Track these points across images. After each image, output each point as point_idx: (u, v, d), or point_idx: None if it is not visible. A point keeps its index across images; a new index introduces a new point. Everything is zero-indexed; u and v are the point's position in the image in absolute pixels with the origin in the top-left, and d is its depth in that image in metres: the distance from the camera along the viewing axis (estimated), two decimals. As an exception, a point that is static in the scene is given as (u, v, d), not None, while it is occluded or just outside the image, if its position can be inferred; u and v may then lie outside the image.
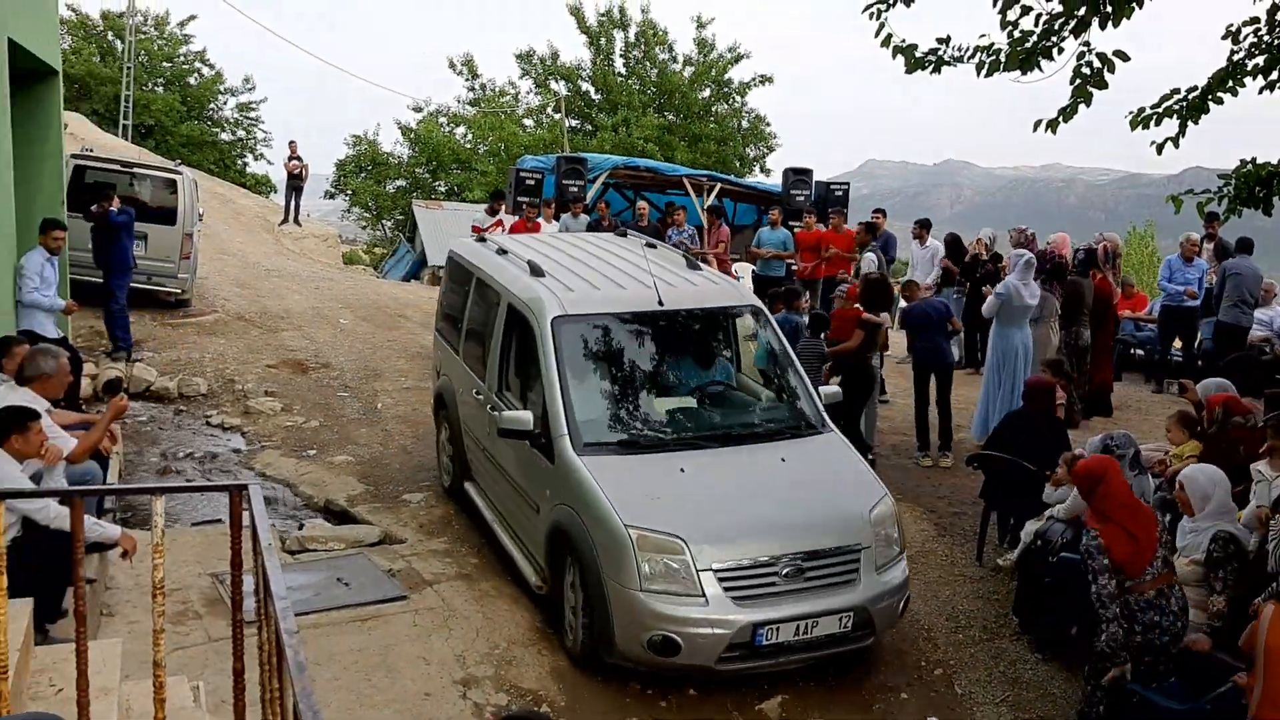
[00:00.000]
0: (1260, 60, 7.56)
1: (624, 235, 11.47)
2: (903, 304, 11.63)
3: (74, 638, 3.67)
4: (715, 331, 7.79)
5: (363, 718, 5.53)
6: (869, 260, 12.25)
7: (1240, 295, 11.21)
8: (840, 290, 10.38)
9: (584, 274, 7.54)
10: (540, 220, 15.09)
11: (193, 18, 37.69)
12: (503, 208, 15.48)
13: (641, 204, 16.16)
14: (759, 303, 7.90)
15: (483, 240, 9.11)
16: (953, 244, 13.28)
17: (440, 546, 7.88)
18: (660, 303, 7.03)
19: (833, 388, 7.57)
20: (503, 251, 8.27)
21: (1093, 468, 5.27)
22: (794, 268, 14.87)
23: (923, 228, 13.68)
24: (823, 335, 9.73)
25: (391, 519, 8.43)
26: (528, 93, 38.96)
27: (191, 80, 37.48)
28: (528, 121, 38.17)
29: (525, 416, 6.66)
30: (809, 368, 8.85)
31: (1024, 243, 11.75)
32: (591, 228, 15.34)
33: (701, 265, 8.08)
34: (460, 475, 8.45)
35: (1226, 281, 11.32)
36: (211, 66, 38.06)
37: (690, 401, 7.09)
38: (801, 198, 17.85)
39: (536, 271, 7.40)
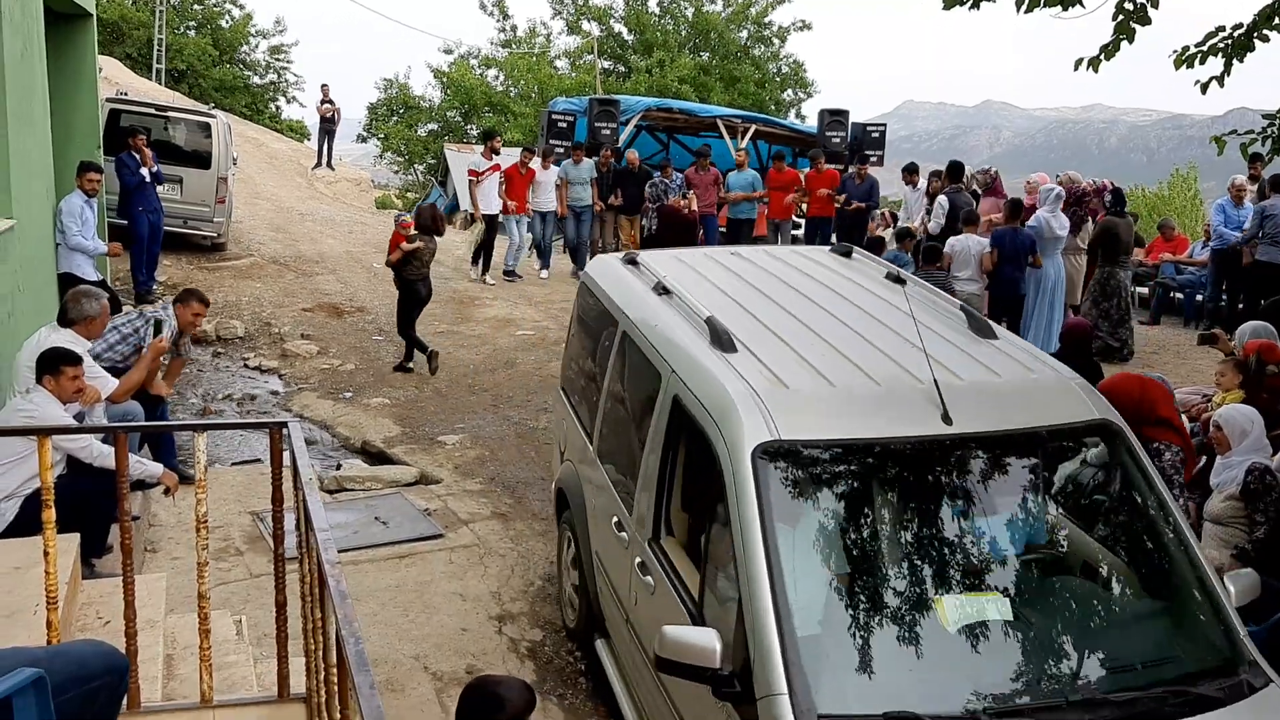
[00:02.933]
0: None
1: (656, 183, 11.41)
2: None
3: (120, 572, 3.76)
4: (1043, 471, 4.30)
5: (401, 651, 5.65)
6: (940, 206, 12.23)
7: (1277, 234, 11.08)
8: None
9: (799, 338, 4.54)
10: (535, 167, 14.94)
11: None
12: (500, 147, 15.17)
13: (632, 153, 16.03)
14: (1114, 415, 4.31)
15: (612, 254, 6.68)
16: (954, 168, 13.15)
17: (475, 487, 7.98)
18: (946, 419, 3.94)
19: (1246, 574, 4.04)
20: (663, 290, 5.20)
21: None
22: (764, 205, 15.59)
23: (911, 172, 14.29)
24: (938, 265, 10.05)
25: (428, 460, 8.54)
26: (560, 33, 38.61)
27: (223, 23, 37.43)
28: (560, 63, 37.83)
29: (703, 643, 3.51)
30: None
31: (989, 184, 12.56)
32: (601, 175, 15.34)
33: (995, 330, 4.82)
34: (588, 622, 5.61)
35: (1265, 222, 11.20)
36: (241, 7, 37.98)
37: (1005, 609, 3.71)
38: (837, 139, 17.69)
39: (722, 340, 4.39)
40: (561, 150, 16.22)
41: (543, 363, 11.03)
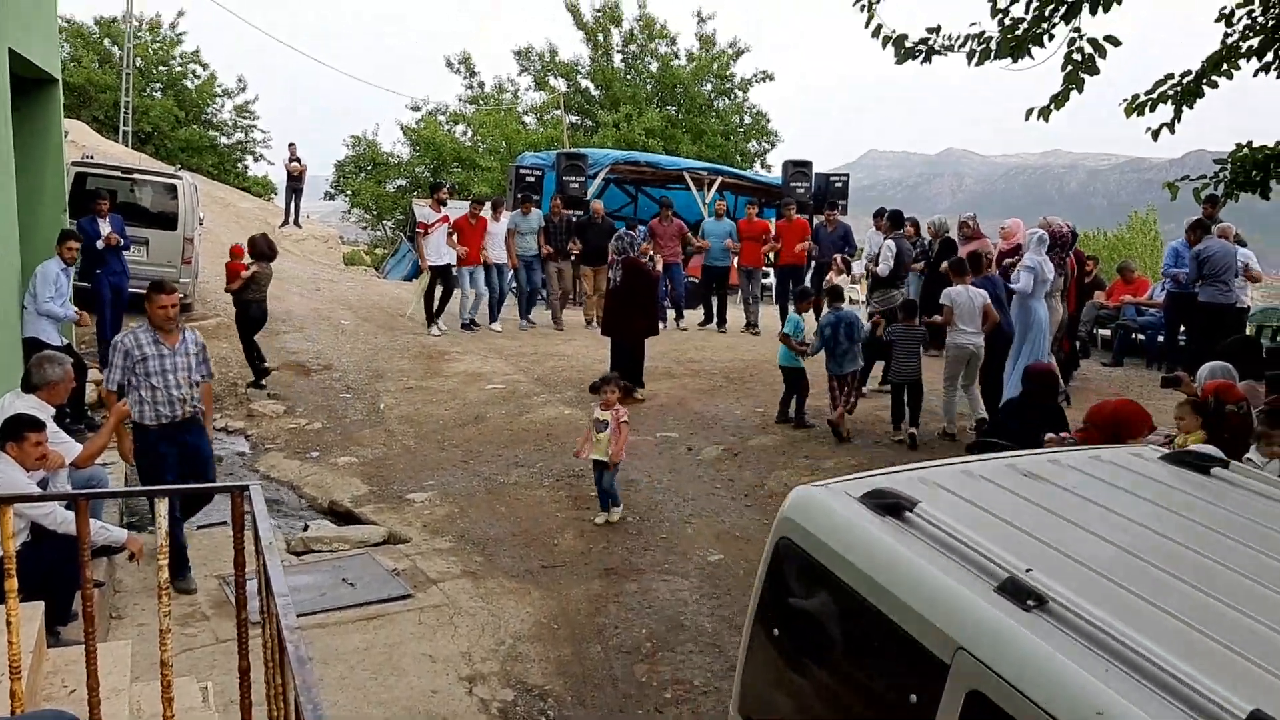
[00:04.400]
0: (1254, 42, 7.58)
1: (622, 236, 11.54)
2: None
3: (84, 640, 3.72)
4: None
5: (370, 716, 5.58)
6: (889, 248, 12.47)
7: (1214, 273, 11.53)
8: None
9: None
10: (486, 216, 15.03)
11: (181, 14, 37.87)
12: (447, 199, 15.16)
13: (596, 203, 16.31)
14: None
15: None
16: (895, 217, 13.44)
17: (445, 545, 7.92)
18: None
19: None
20: (956, 546, 3.04)
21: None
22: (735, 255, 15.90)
23: (881, 217, 14.23)
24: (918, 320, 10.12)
25: (396, 519, 8.48)
26: (527, 89, 39.04)
27: (188, 83, 37.60)
28: (528, 119, 38.20)
29: None
30: (909, 353, 9.59)
31: (971, 233, 12.67)
32: (554, 224, 15.53)
33: None
34: None
35: (1203, 264, 11.63)
36: (206, 67, 38.21)
37: None
38: (802, 189, 17.93)
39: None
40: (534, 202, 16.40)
41: (513, 416, 11.02)
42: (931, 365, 10.52)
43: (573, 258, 15.81)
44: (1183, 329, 12.57)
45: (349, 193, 39.10)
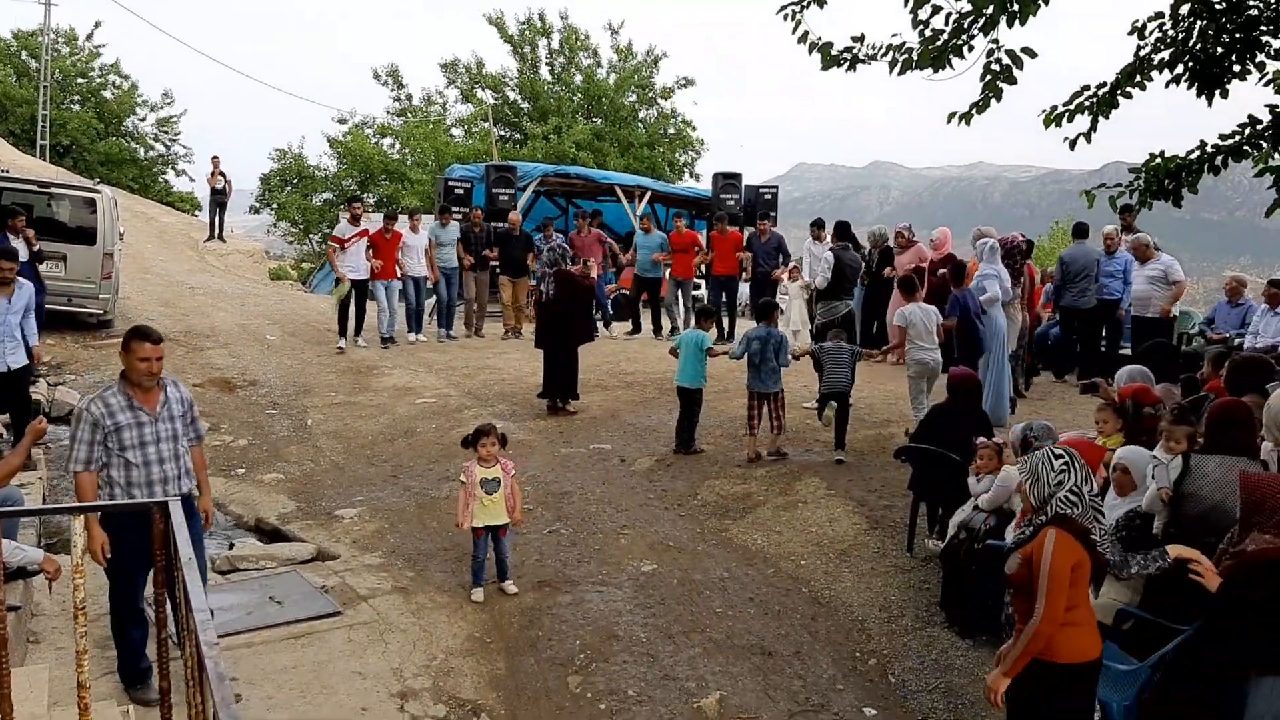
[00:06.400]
0: (1166, 55, 7.80)
1: (555, 247, 11.51)
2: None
3: None
4: None
5: (298, 735, 5.48)
6: (827, 260, 12.62)
7: (1073, 277, 12.44)
8: None
9: None
10: (403, 230, 14.92)
11: (98, 24, 37.11)
12: (362, 214, 14.93)
13: (514, 214, 16.28)
14: None
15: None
16: (841, 227, 13.66)
17: (375, 561, 7.82)
18: None
19: None
20: None
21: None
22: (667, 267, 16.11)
23: (819, 228, 14.79)
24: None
25: (325, 535, 8.35)
26: (455, 102, 38.83)
27: (107, 94, 36.84)
28: (457, 131, 37.99)
29: None
30: (838, 365, 9.62)
31: (906, 241, 13.01)
32: (474, 235, 15.51)
33: None
34: None
35: (1064, 270, 12.56)
36: (126, 78, 37.45)
37: None
38: (732, 201, 18.08)
39: None
40: (459, 216, 16.29)
41: (444, 430, 10.92)
42: (872, 376, 10.61)
43: (492, 265, 15.78)
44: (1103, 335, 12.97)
45: (274, 206, 38.53)
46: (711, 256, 15.75)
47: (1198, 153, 7.86)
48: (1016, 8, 6.89)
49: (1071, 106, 7.81)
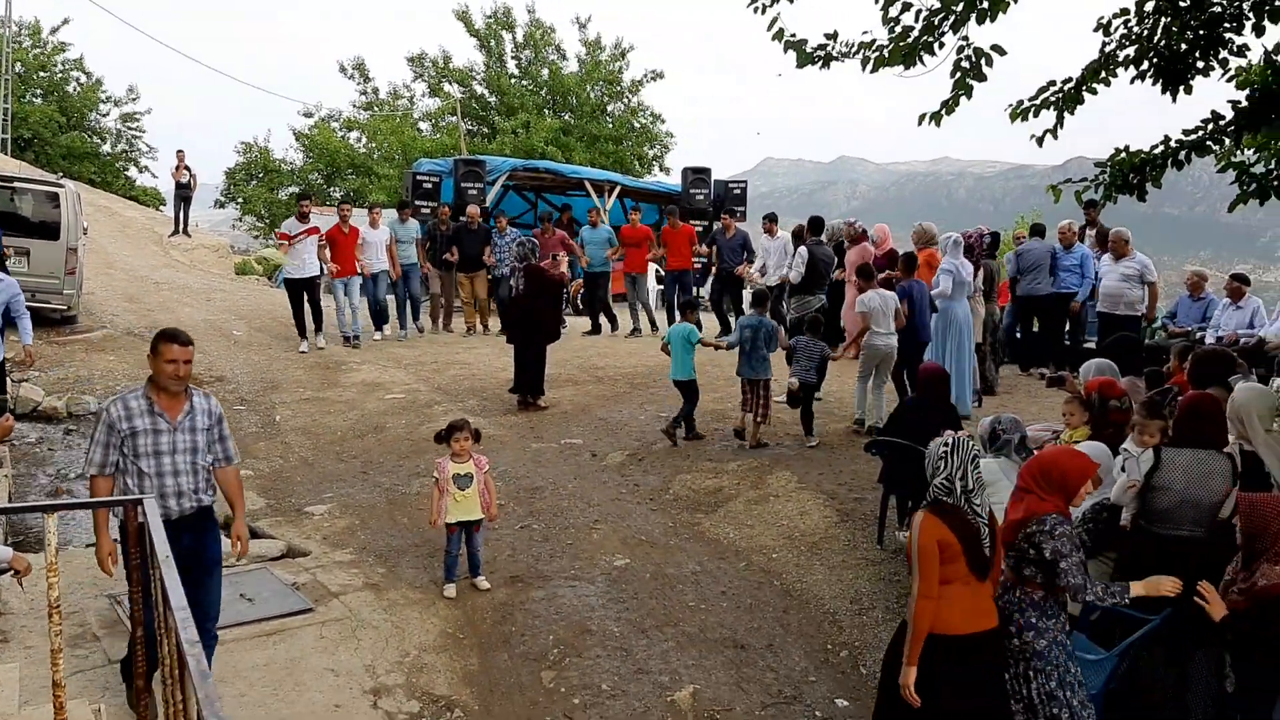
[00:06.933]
0: (1130, 51, 7.88)
1: (524, 243, 11.49)
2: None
3: (-35, 665, 3.57)
4: None
5: (271, 732, 5.45)
6: (801, 255, 12.65)
7: (1028, 268, 12.75)
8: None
9: None
10: (360, 226, 14.55)
11: (66, 21, 36.59)
12: (309, 211, 14.46)
13: (472, 208, 15.96)
14: None
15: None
16: (815, 222, 13.68)
17: (346, 558, 7.78)
18: None
19: None
20: None
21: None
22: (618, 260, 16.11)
23: (772, 221, 14.71)
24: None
25: (295, 532, 8.31)
26: (422, 95, 38.59)
27: (70, 89, 36.35)
28: (424, 125, 37.77)
29: None
30: (809, 358, 9.80)
31: (855, 236, 12.92)
32: (441, 233, 15.35)
33: None
34: None
35: (1020, 260, 12.88)
36: (89, 74, 36.98)
37: None
38: (701, 196, 18.13)
39: None
40: (427, 210, 16.17)
41: (414, 426, 10.88)
42: (842, 370, 10.69)
43: (448, 259, 15.51)
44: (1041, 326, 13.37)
45: (240, 200, 38.17)
46: (663, 252, 15.68)
47: (1162, 148, 7.95)
48: (986, 5, 6.94)
49: (1038, 101, 7.88)
